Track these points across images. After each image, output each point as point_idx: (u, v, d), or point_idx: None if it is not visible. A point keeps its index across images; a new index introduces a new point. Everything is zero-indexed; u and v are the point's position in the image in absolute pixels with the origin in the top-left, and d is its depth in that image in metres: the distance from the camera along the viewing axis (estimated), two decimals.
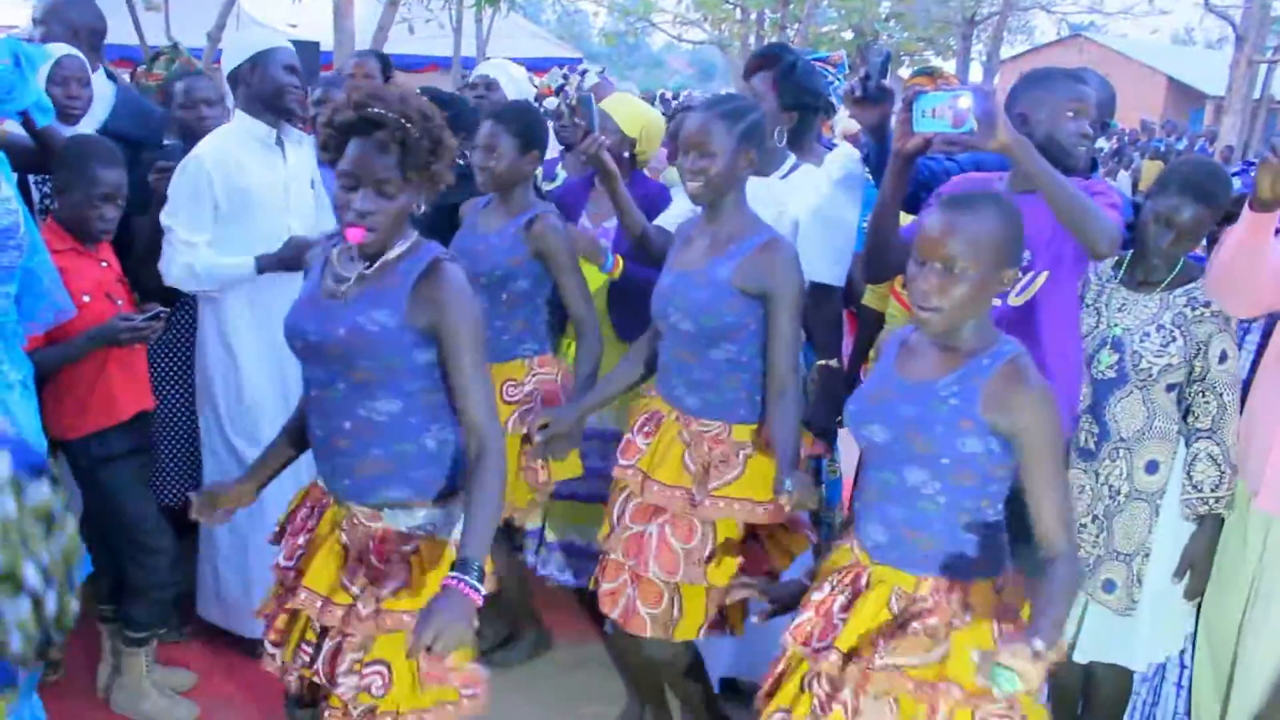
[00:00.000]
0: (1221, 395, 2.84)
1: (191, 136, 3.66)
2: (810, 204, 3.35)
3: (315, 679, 2.36)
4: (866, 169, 3.26)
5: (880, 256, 2.87)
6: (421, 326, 2.25)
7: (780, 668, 2.39)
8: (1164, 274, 2.88)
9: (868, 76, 3.00)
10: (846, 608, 2.27)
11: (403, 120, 2.16)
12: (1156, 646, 2.99)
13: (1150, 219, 2.87)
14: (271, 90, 3.49)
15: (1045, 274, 2.81)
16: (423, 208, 2.31)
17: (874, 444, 2.27)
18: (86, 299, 3.12)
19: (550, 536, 4.01)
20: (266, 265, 3.43)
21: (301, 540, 2.45)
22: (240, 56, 3.55)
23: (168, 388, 3.74)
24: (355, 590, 2.30)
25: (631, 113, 4.00)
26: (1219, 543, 2.92)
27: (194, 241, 3.41)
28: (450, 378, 2.28)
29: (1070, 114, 2.82)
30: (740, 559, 2.84)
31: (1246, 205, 2.50)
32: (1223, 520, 2.89)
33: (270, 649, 2.48)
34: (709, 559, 2.83)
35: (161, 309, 3.20)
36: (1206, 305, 2.83)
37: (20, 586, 1.69)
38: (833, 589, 2.32)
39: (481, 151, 3.37)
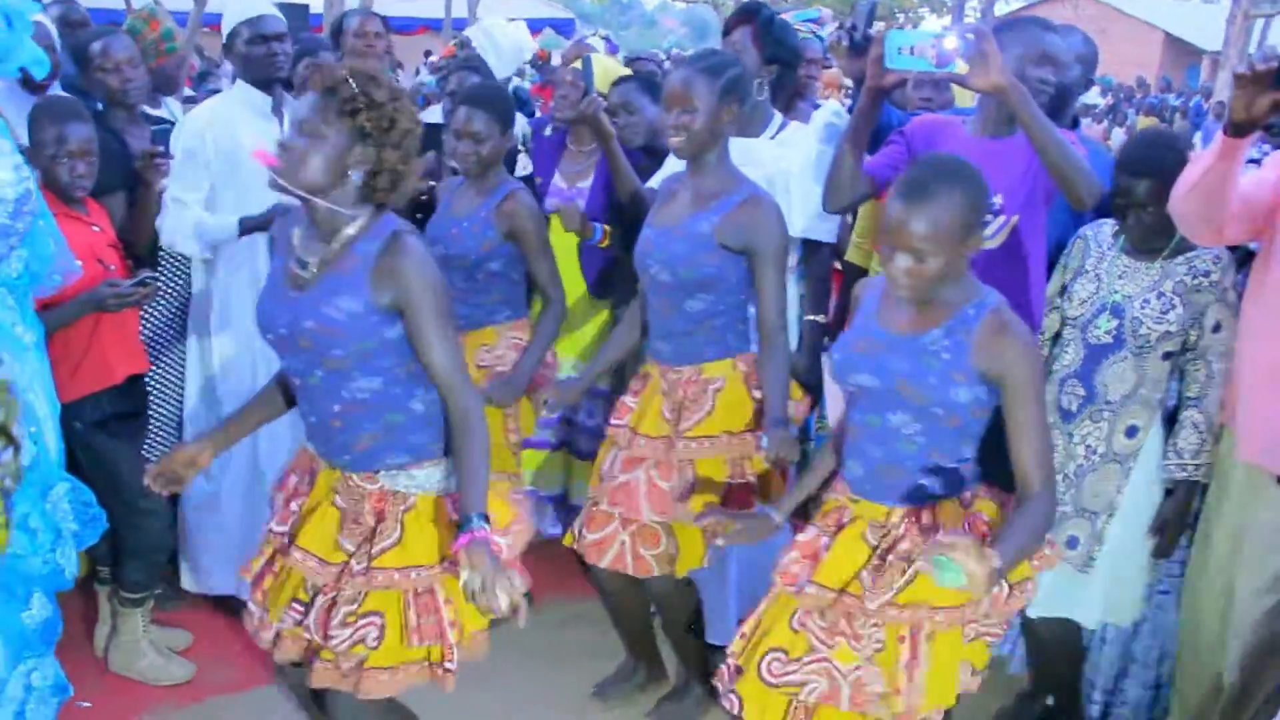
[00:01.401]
0: (1211, 364, 2.86)
1: (114, 101, 3.58)
2: (800, 162, 3.38)
3: (306, 635, 2.40)
4: None
5: (839, 189, 2.95)
6: (385, 304, 2.26)
7: (764, 606, 2.44)
8: (1164, 242, 2.88)
9: (854, 27, 3.02)
10: (829, 545, 2.35)
11: (358, 82, 2.19)
12: (1108, 606, 3.02)
13: (1115, 208, 2.89)
14: (256, 62, 3.53)
15: (1016, 218, 2.85)
16: (384, 201, 2.32)
17: (862, 388, 2.34)
18: (77, 264, 3.12)
19: (540, 490, 4.07)
20: (249, 227, 3.45)
21: (294, 506, 2.48)
22: (227, 26, 3.59)
23: (160, 355, 3.75)
24: (350, 548, 2.34)
25: (605, 70, 4.04)
26: (1208, 503, 2.95)
27: (185, 200, 3.45)
28: (417, 349, 2.30)
29: (1033, 61, 2.82)
30: (721, 497, 2.92)
31: (1220, 129, 2.50)
32: (1198, 485, 2.92)
33: (253, 608, 2.52)
34: (689, 494, 2.90)
35: (150, 275, 3.21)
36: (1206, 275, 2.84)
37: (10, 439, 2.01)
38: (818, 531, 2.41)
39: (462, 137, 3.36)
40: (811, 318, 3.58)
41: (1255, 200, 2.66)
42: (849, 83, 5.13)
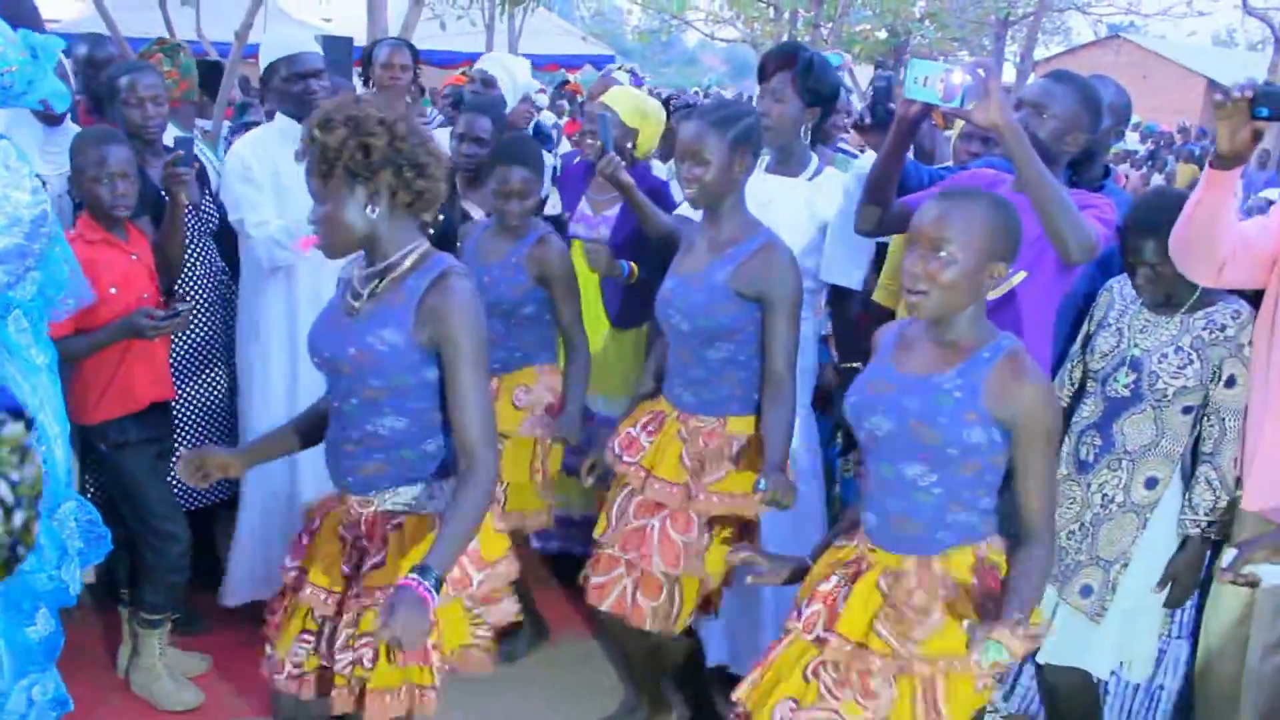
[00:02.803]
0: (1224, 420, 2.84)
1: (135, 134, 3.62)
2: (837, 209, 3.40)
3: (322, 663, 2.42)
4: None
5: (873, 213, 2.97)
6: (424, 341, 2.27)
7: (777, 654, 2.43)
8: (1185, 296, 2.86)
9: (875, 103, 3.04)
10: (848, 596, 2.34)
11: (317, 133, 2.18)
12: (1120, 656, 3.00)
13: (1126, 266, 2.89)
14: (292, 98, 3.61)
15: (1023, 273, 2.83)
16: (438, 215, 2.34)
17: (875, 437, 2.33)
18: (114, 290, 3.21)
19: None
20: None
21: (305, 541, 2.52)
22: (266, 59, 3.67)
23: (190, 385, 3.79)
24: (347, 572, 2.38)
25: (633, 105, 4.08)
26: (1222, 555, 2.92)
27: (264, 220, 3.52)
28: (448, 392, 2.28)
29: (1014, 104, 2.81)
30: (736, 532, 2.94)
31: (1207, 163, 2.50)
32: (1210, 541, 2.90)
33: (268, 650, 2.54)
34: (707, 547, 2.90)
35: (184, 307, 3.27)
36: (1222, 329, 2.82)
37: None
38: (839, 581, 2.39)
39: (503, 196, 3.43)
40: (847, 365, 3.59)
41: (1258, 247, 2.65)
42: None
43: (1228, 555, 2.41)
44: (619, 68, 8.53)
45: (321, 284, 3.53)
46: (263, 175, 3.55)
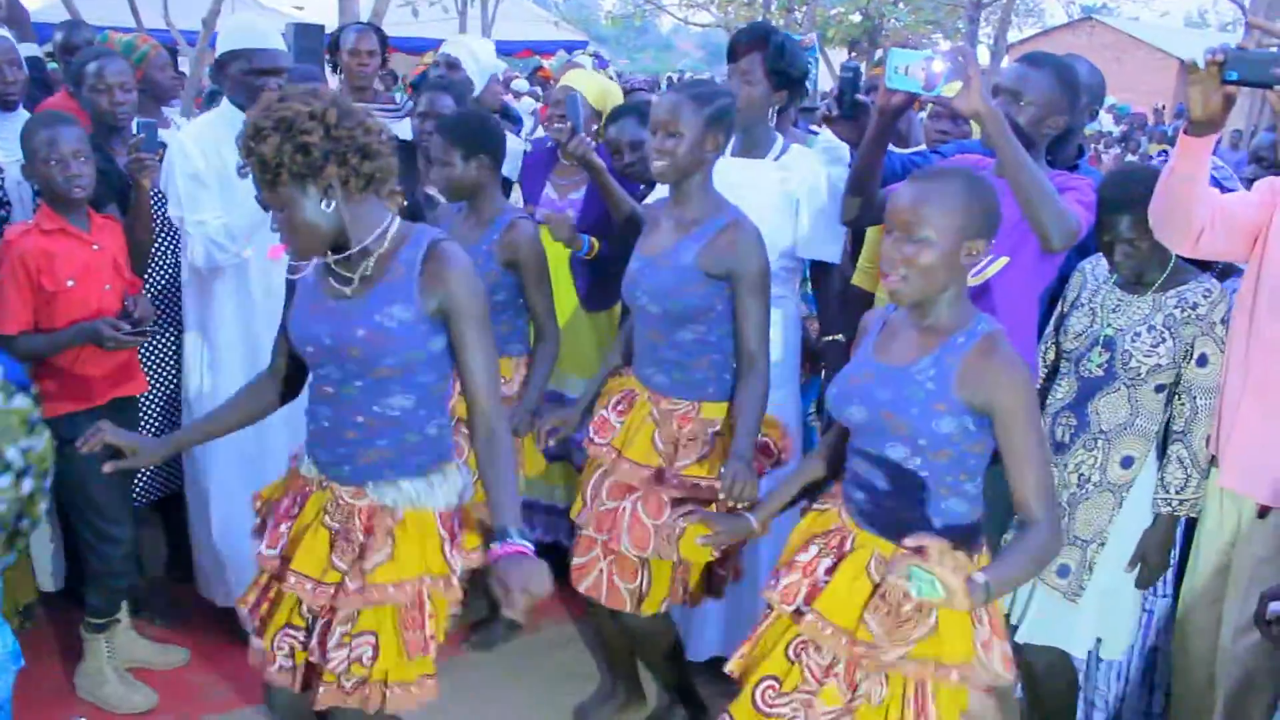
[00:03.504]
0: (1195, 399, 2.85)
1: (103, 121, 3.56)
2: (808, 184, 3.39)
3: (310, 659, 2.40)
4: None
5: (858, 205, 2.95)
6: (432, 311, 2.26)
7: (763, 628, 2.43)
8: (1156, 275, 2.88)
9: (841, 94, 3.02)
10: (831, 570, 2.32)
11: (252, 145, 2.14)
12: (1095, 634, 3.01)
13: (1102, 245, 2.88)
14: (246, 91, 3.47)
15: (1005, 259, 2.83)
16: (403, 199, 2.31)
17: (854, 423, 2.33)
18: (71, 284, 3.13)
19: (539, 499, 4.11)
20: None
21: (284, 529, 2.46)
22: (223, 46, 3.55)
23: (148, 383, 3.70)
24: (343, 567, 2.34)
25: (598, 88, 4.07)
26: (1200, 531, 2.95)
27: (204, 219, 3.40)
28: (459, 356, 2.29)
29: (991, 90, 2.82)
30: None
31: (1181, 131, 2.50)
32: (1178, 519, 2.92)
33: (255, 640, 2.51)
34: (680, 535, 2.89)
35: (150, 328, 3.22)
36: (1194, 307, 2.83)
37: (5, 463, 1.96)
38: (819, 551, 2.37)
39: (434, 163, 3.38)
40: (831, 338, 3.58)
41: (1239, 217, 2.65)
42: None
43: (1274, 606, 2.31)
44: (583, 53, 8.50)
45: (273, 281, 3.47)
46: (208, 169, 3.42)
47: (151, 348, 3.70)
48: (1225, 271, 3.15)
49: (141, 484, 3.76)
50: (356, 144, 2.17)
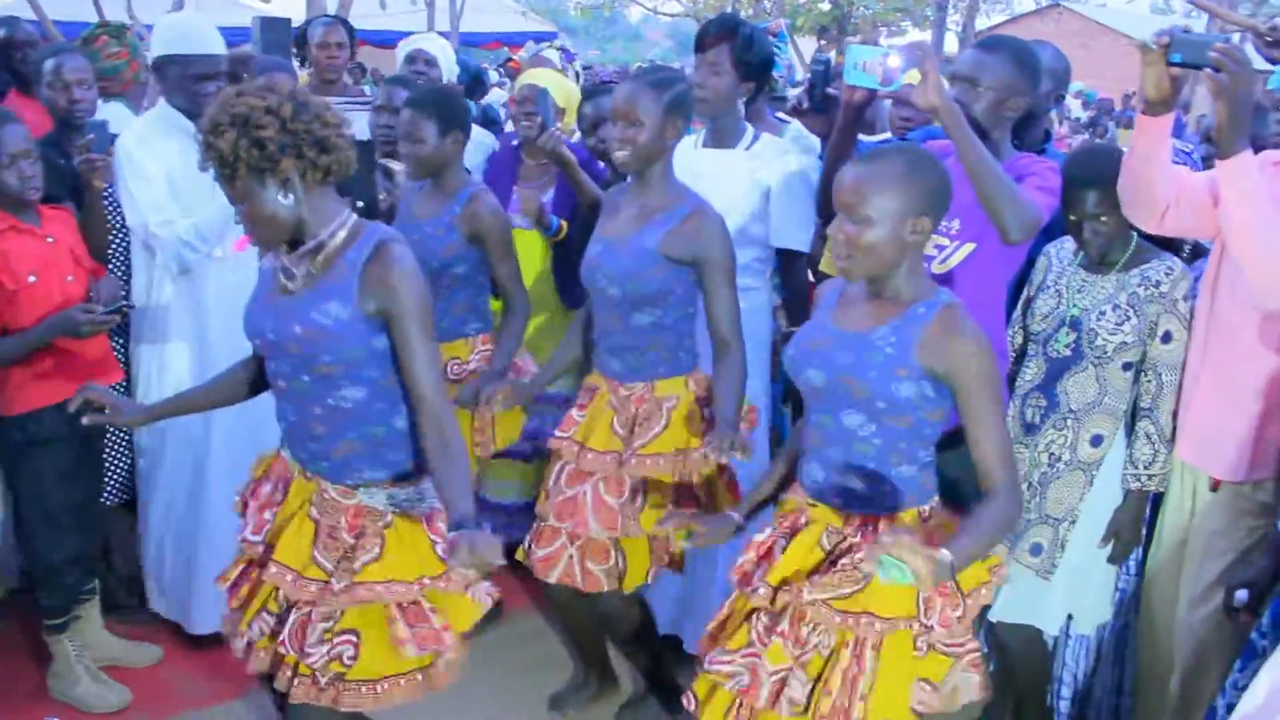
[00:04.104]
0: (1161, 375, 2.88)
1: (61, 119, 3.51)
2: (779, 173, 3.40)
3: (280, 650, 2.39)
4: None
5: (830, 201, 2.95)
6: (371, 312, 2.27)
7: (725, 612, 2.46)
8: (1119, 253, 2.91)
9: (812, 86, 3.04)
10: (786, 548, 2.35)
11: (210, 140, 2.16)
12: (1067, 611, 3.05)
13: (1070, 226, 2.91)
14: (186, 96, 3.42)
15: (971, 245, 2.85)
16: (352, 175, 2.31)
17: (813, 388, 2.35)
18: (32, 279, 3.09)
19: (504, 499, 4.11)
20: None
21: (268, 515, 2.48)
22: (158, 49, 3.47)
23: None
24: (329, 566, 2.34)
25: (561, 85, 4.09)
26: (1164, 505, 2.99)
27: (170, 219, 3.36)
28: (400, 358, 2.30)
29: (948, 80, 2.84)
30: (670, 500, 2.94)
31: (1139, 111, 2.54)
32: (1149, 494, 2.95)
33: (228, 615, 2.52)
34: (640, 509, 2.92)
35: (126, 304, 3.18)
36: (1157, 285, 2.86)
37: None
38: (774, 531, 2.41)
39: (404, 140, 3.38)
40: (791, 330, 3.59)
41: (1202, 195, 2.68)
42: None
43: (1241, 595, 2.41)
44: (550, 46, 8.50)
45: (226, 280, 3.46)
46: (155, 171, 3.37)
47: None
48: (1196, 253, 3.18)
49: (113, 483, 3.73)
50: (313, 137, 2.20)
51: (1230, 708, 2.50)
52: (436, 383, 2.30)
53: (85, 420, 2.48)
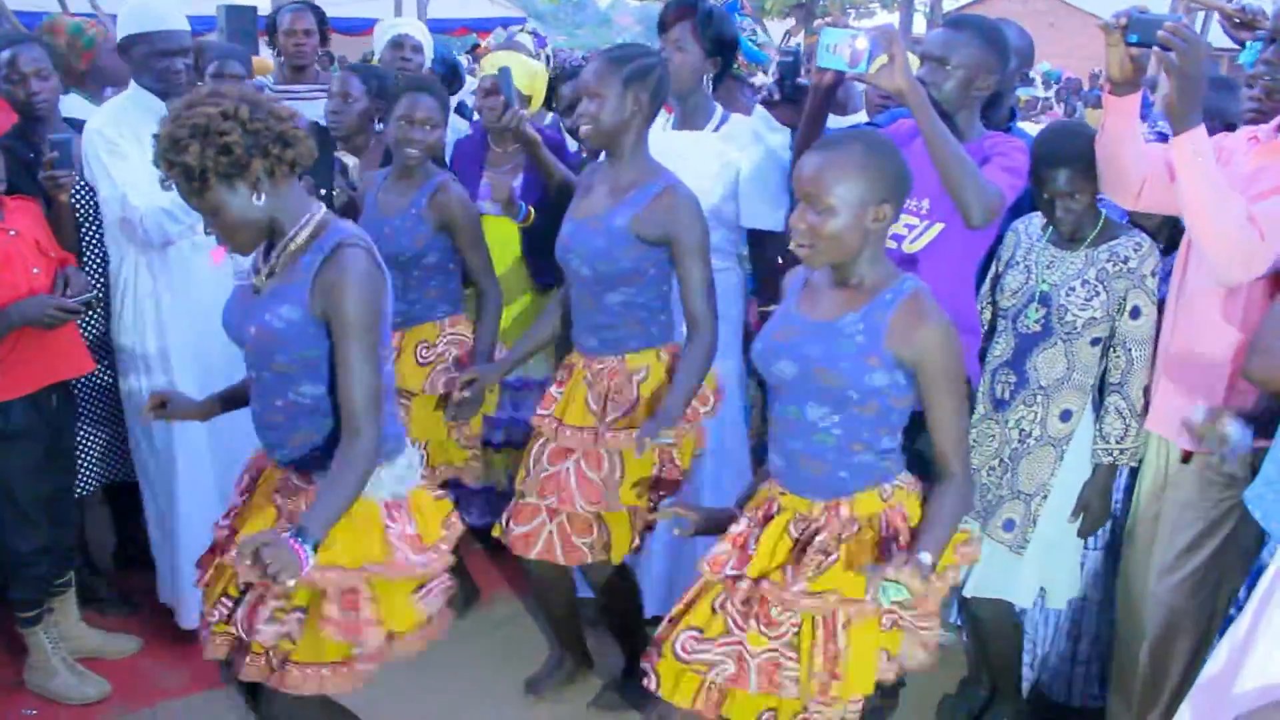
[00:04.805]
0: (1130, 350, 2.91)
1: (22, 113, 3.48)
2: (748, 153, 3.41)
3: (232, 631, 2.40)
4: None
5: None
6: (319, 314, 2.26)
7: (691, 594, 2.48)
8: (1089, 230, 2.93)
9: (782, 78, 3.05)
10: (759, 538, 2.38)
11: (173, 158, 2.15)
12: (1039, 584, 3.09)
13: (1041, 204, 2.93)
14: (153, 74, 3.43)
15: (940, 226, 2.87)
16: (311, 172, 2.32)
17: (782, 380, 2.36)
18: None
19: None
20: None
21: (239, 500, 2.52)
22: (123, 30, 3.47)
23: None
24: None
25: (528, 71, 4.08)
26: (1140, 478, 3.03)
27: (146, 191, 3.26)
28: (336, 367, 2.28)
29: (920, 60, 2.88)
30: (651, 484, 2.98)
31: (1105, 90, 2.61)
32: (1116, 468, 3.00)
33: (201, 603, 2.53)
34: (619, 482, 2.94)
35: (90, 295, 3.16)
36: (1125, 261, 2.88)
37: None
38: (749, 522, 2.43)
39: (417, 125, 3.36)
40: (765, 309, 3.61)
41: (1168, 173, 2.72)
42: None
43: (1198, 412, 2.49)
44: (522, 30, 8.48)
45: (192, 266, 3.47)
46: (130, 148, 3.35)
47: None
48: (1172, 244, 3.19)
49: (86, 471, 3.71)
50: (274, 133, 2.20)
51: None
52: (366, 396, 2.26)
53: (149, 415, 2.54)
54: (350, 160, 3.96)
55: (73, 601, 3.57)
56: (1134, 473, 3.06)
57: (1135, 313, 2.90)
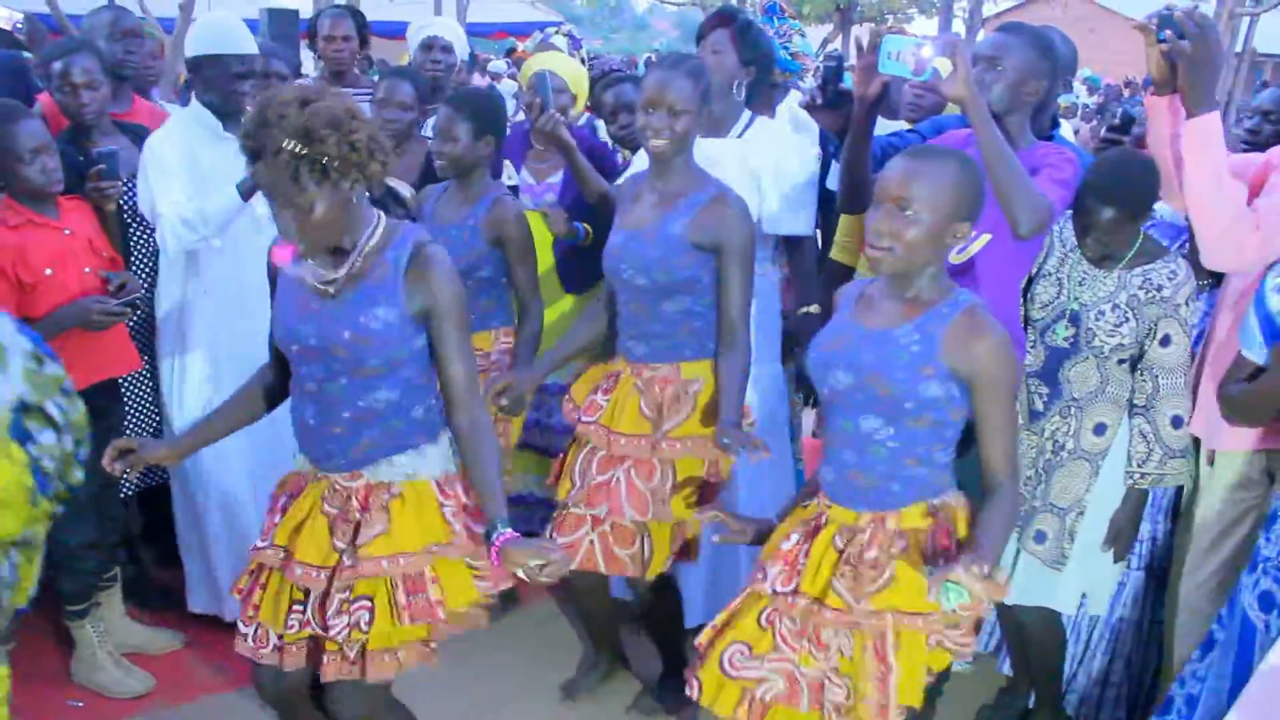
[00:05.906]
0: (1158, 377, 2.88)
1: (73, 122, 3.54)
2: (771, 159, 3.42)
3: (311, 632, 2.44)
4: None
5: (854, 192, 2.98)
6: (414, 312, 2.33)
7: (737, 603, 2.48)
8: (1124, 252, 2.90)
9: (825, 83, 3.04)
10: (809, 552, 2.38)
11: (283, 145, 2.13)
12: (1081, 590, 3.06)
13: (1078, 227, 2.91)
14: (221, 95, 3.48)
15: (987, 236, 2.86)
16: (370, 194, 2.33)
17: (836, 391, 2.36)
18: (48, 272, 3.11)
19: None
20: (249, 190, 3.28)
21: (277, 519, 2.52)
22: (196, 49, 3.53)
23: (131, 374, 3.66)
24: (342, 546, 2.39)
25: (574, 72, 4.09)
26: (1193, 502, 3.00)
27: (174, 200, 3.36)
28: (438, 357, 2.38)
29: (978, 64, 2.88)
30: (698, 492, 2.97)
31: (1148, 92, 2.65)
32: (1146, 493, 2.98)
33: (243, 628, 2.54)
34: (671, 493, 2.94)
35: (137, 295, 3.21)
36: (1159, 289, 2.84)
37: (47, 418, 1.98)
38: (799, 539, 2.43)
39: (439, 138, 3.40)
40: (805, 310, 3.62)
41: (1238, 175, 2.72)
42: None
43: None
44: (557, 32, 8.48)
45: (227, 272, 3.50)
46: (175, 163, 3.40)
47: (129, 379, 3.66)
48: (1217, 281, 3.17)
49: (129, 476, 3.74)
50: (373, 140, 2.23)
51: (1190, 698, 2.55)
52: (472, 382, 2.39)
53: (116, 466, 2.46)
54: (405, 190, 3.99)
55: (118, 597, 3.63)
56: (1178, 492, 3.04)
57: (1166, 341, 2.86)
